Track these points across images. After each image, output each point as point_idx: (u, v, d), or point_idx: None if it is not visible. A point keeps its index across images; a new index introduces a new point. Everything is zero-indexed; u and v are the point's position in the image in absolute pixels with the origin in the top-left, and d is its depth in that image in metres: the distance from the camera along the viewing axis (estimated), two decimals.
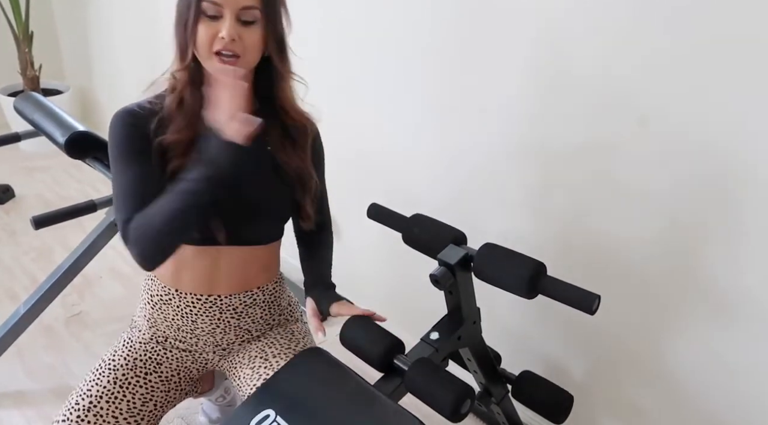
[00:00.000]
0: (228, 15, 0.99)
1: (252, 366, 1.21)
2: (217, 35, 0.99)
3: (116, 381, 1.16)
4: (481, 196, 1.68)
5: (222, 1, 0.98)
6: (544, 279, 1.11)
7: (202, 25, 0.99)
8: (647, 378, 1.46)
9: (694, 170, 1.23)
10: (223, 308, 1.21)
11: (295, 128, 1.17)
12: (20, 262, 2.54)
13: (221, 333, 1.24)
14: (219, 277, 1.19)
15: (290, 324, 1.31)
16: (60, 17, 3.74)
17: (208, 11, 0.99)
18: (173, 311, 1.22)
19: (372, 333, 1.22)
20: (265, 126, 1.05)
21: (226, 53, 1.00)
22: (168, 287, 1.21)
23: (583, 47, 1.32)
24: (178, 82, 1.08)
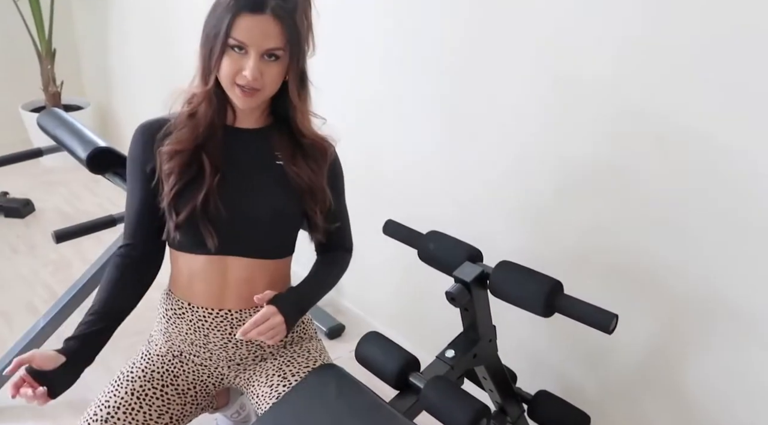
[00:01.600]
0: (253, 54, 1.02)
1: (270, 384, 1.22)
2: (241, 70, 1.03)
3: (134, 393, 1.17)
4: (497, 213, 1.68)
5: (248, 42, 1.01)
6: (561, 298, 1.10)
7: (227, 57, 1.03)
8: (666, 398, 1.44)
9: (713, 187, 1.22)
10: (234, 324, 1.22)
11: (312, 146, 1.19)
12: (39, 275, 2.58)
13: (233, 348, 1.24)
14: (228, 289, 1.20)
15: (305, 341, 1.32)
16: (81, 35, 3.82)
17: (234, 46, 1.02)
18: (186, 325, 1.23)
19: (387, 350, 1.22)
20: (274, 139, 1.15)
21: (248, 87, 1.04)
22: (181, 301, 1.22)
23: (600, 64, 1.33)
24: (195, 98, 1.12)
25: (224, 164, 1.13)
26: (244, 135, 1.17)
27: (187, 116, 1.12)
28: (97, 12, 3.53)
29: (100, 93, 3.82)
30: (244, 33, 1.01)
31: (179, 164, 1.10)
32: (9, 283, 2.51)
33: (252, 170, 1.16)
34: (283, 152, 1.17)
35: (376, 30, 1.84)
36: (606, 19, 1.29)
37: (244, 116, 1.16)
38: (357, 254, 2.25)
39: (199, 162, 1.11)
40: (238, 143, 1.16)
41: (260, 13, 1.00)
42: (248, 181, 1.16)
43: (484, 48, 1.56)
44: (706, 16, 1.14)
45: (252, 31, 1.01)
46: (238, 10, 1.00)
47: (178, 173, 1.10)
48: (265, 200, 1.16)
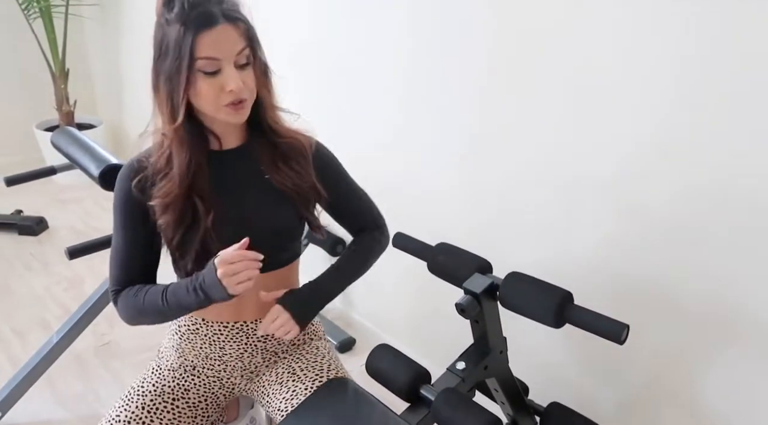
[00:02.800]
0: (227, 66, 0.99)
1: (280, 382, 1.23)
2: (222, 89, 1.00)
3: (144, 407, 1.17)
4: (506, 224, 1.68)
5: (219, 55, 0.98)
6: (572, 308, 1.10)
7: (202, 83, 1.00)
8: (680, 411, 1.42)
9: (727, 197, 1.22)
10: (250, 334, 1.23)
11: (286, 144, 1.16)
12: (52, 292, 2.60)
13: (249, 357, 1.25)
14: (246, 305, 1.21)
15: (314, 341, 1.32)
16: (94, 55, 3.88)
17: (205, 69, 0.99)
18: (201, 340, 1.24)
19: (398, 362, 1.22)
20: (257, 152, 1.13)
21: (237, 100, 1.02)
22: (195, 318, 1.23)
23: (611, 80, 1.33)
24: (166, 140, 1.08)
25: (215, 195, 1.11)
26: (229, 157, 1.14)
27: (164, 164, 1.09)
28: (109, 32, 3.60)
29: (112, 112, 3.88)
30: (211, 49, 0.98)
31: (174, 217, 1.08)
32: (23, 300, 2.54)
33: (242, 192, 1.14)
34: (265, 162, 1.14)
35: (397, 55, 1.85)
36: (616, 38, 1.30)
37: (227, 136, 1.13)
38: None
39: (192, 206, 1.09)
40: (225, 168, 1.14)
41: (216, 24, 0.97)
42: (241, 205, 1.14)
43: (498, 65, 1.57)
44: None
45: (218, 44, 0.98)
46: (196, 32, 0.97)
47: (173, 226, 1.08)
48: (262, 219, 1.15)
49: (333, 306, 2.47)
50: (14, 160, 3.41)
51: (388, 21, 1.82)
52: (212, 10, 0.98)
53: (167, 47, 1.01)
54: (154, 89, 1.06)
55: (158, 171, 1.09)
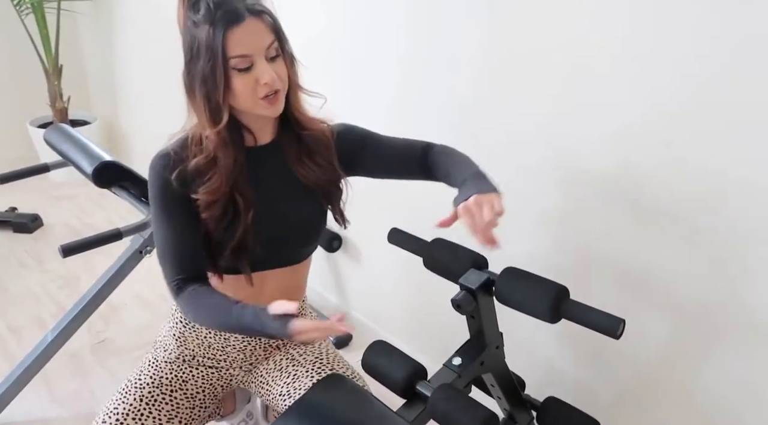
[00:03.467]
0: (259, 60, 1.00)
1: (280, 369, 1.24)
2: (256, 83, 1.01)
3: (142, 399, 1.18)
4: (502, 219, 1.67)
5: (250, 51, 1.00)
6: (567, 303, 1.10)
7: (238, 80, 1.00)
8: (676, 405, 1.43)
9: (723, 191, 1.22)
10: None
11: (311, 137, 1.16)
12: (47, 289, 2.59)
13: (251, 350, 1.26)
14: (262, 299, 1.21)
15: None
16: (87, 51, 3.86)
17: (239, 66, 0.99)
18: (207, 329, 1.24)
19: (394, 358, 1.22)
20: (286, 146, 1.15)
21: (270, 94, 1.03)
22: None
23: (607, 71, 1.33)
24: (210, 143, 1.07)
25: (253, 191, 1.12)
26: (263, 153, 1.15)
27: (207, 161, 1.08)
28: (103, 28, 3.57)
29: (106, 108, 3.86)
30: (241, 45, 0.98)
31: (217, 214, 1.09)
32: (18, 298, 2.53)
33: (276, 187, 1.16)
34: (291, 157, 1.16)
35: (392, 56, 1.84)
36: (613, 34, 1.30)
37: (262, 131, 1.14)
38: (363, 263, 2.27)
39: (234, 204, 1.10)
40: (260, 164, 1.15)
41: (243, 20, 0.98)
42: (275, 201, 1.15)
43: (493, 57, 1.56)
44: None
45: (247, 39, 0.99)
46: (225, 30, 0.97)
47: (216, 221, 1.09)
48: (294, 214, 1.17)
49: (330, 302, 2.46)
50: (8, 157, 3.39)
51: (383, 19, 1.81)
52: (237, 6, 0.99)
53: (198, 49, 1.00)
54: (189, 93, 1.06)
55: (200, 169, 1.08)
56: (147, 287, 2.54)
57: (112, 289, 1.82)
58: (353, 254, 2.29)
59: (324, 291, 2.50)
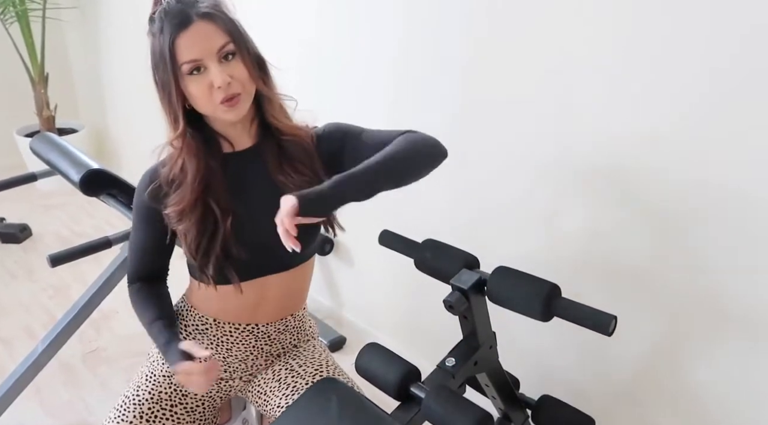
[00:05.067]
0: (211, 64, 0.99)
1: (278, 380, 1.23)
2: (211, 86, 1.00)
3: (143, 416, 1.16)
4: (492, 218, 1.68)
5: (199, 55, 0.98)
6: (559, 301, 1.10)
7: (190, 84, 1.00)
8: (669, 400, 1.43)
9: (714, 188, 1.22)
10: (259, 336, 1.24)
11: (290, 142, 1.14)
12: (38, 299, 2.57)
13: (252, 360, 1.26)
14: (265, 306, 1.22)
15: (309, 340, 1.35)
16: (74, 58, 3.83)
17: (190, 70, 0.99)
18: (209, 340, 1.23)
19: (387, 361, 1.22)
20: (266, 152, 1.13)
21: (228, 95, 1.01)
22: (206, 318, 1.23)
23: (600, 73, 1.33)
24: (176, 151, 1.08)
25: (231, 198, 1.11)
26: (242, 159, 1.14)
27: (179, 170, 1.09)
28: (89, 35, 3.55)
29: (94, 115, 3.83)
30: (189, 50, 0.98)
31: (192, 224, 1.08)
32: (8, 309, 2.51)
33: (257, 193, 1.14)
34: (271, 164, 1.13)
35: (383, 58, 1.84)
36: (598, 35, 1.30)
37: (238, 137, 1.13)
38: (355, 265, 2.26)
39: (210, 211, 1.09)
40: (239, 169, 1.13)
41: (190, 24, 0.98)
42: (255, 207, 1.13)
43: (484, 57, 1.57)
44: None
45: (195, 43, 0.98)
46: (171, 36, 0.97)
47: (195, 231, 1.08)
48: (274, 221, 1.15)
49: (323, 306, 2.46)
50: None
51: (377, 21, 1.81)
52: (186, 11, 0.98)
53: (156, 59, 1.02)
54: (161, 103, 1.07)
55: (171, 180, 1.10)
56: None
57: (103, 297, 1.80)
58: (345, 256, 2.29)
59: (316, 294, 2.49)
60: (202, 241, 1.09)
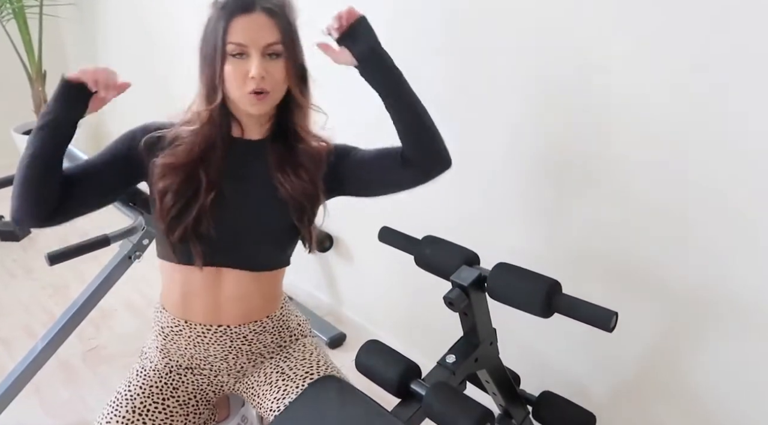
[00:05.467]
0: (254, 53, 1.03)
1: (269, 382, 1.22)
2: (247, 74, 1.03)
3: (135, 410, 1.16)
4: (492, 215, 1.67)
5: (247, 41, 1.03)
6: (560, 298, 1.09)
7: (229, 65, 1.04)
8: (670, 396, 1.43)
9: (708, 183, 1.22)
10: (234, 337, 1.22)
11: (306, 153, 1.17)
12: (37, 298, 2.56)
13: (234, 359, 1.25)
14: (223, 304, 1.20)
15: (300, 338, 1.33)
16: (72, 56, 3.82)
17: (233, 52, 1.03)
18: (185, 341, 1.23)
19: (387, 358, 1.21)
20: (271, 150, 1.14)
21: (258, 89, 1.04)
22: (177, 319, 1.22)
23: (598, 67, 1.33)
24: (199, 119, 1.11)
25: (223, 177, 1.13)
26: (247, 147, 1.16)
27: (188, 132, 1.11)
28: (86, 32, 3.54)
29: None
30: (240, 34, 1.02)
31: (176, 182, 1.09)
32: (7, 308, 2.50)
33: (248, 184, 1.16)
34: (273, 162, 1.15)
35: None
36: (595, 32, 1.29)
37: (251, 127, 1.15)
38: (355, 262, 2.26)
39: (197, 179, 1.10)
40: (241, 156, 1.15)
41: (251, 11, 1.03)
42: (243, 196, 1.15)
43: (482, 52, 1.56)
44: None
45: (248, 30, 1.02)
46: (230, 15, 1.02)
47: (174, 192, 1.09)
48: (258, 215, 1.16)
49: (323, 302, 2.45)
50: None
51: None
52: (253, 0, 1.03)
53: (208, 31, 1.06)
54: (200, 73, 1.10)
55: (174, 139, 1.12)
56: (137, 292, 2.52)
57: (102, 296, 1.80)
58: (344, 253, 2.29)
59: (316, 291, 2.49)
60: (177, 203, 1.10)
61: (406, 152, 1.14)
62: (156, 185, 1.11)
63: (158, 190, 1.11)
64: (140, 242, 1.74)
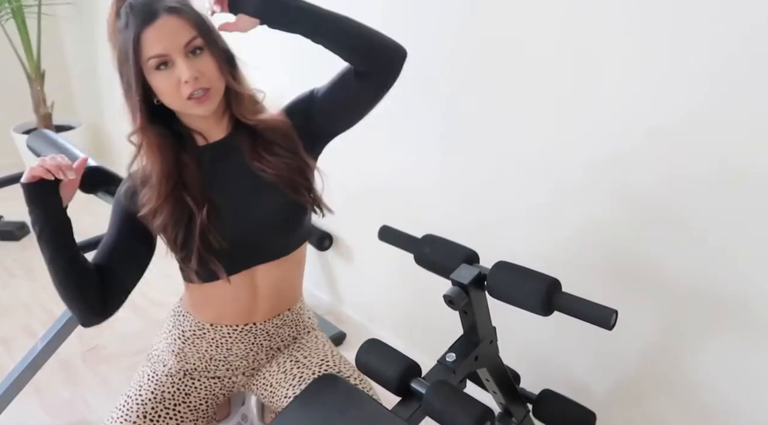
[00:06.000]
0: (178, 58, 0.98)
1: (284, 371, 1.24)
2: (179, 81, 0.98)
3: (146, 415, 1.16)
4: (492, 213, 1.67)
5: (165, 50, 0.97)
6: (560, 296, 1.09)
7: (160, 79, 0.99)
8: (670, 393, 1.43)
9: (708, 180, 1.22)
10: (258, 334, 1.24)
11: (268, 129, 1.13)
12: (37, 298, 2.56)
13: (254, 356, 1.26)
14: (260, 299, 1.21)
15: (311, 332, 1.35)
16: (71, 55, 3.82)
17: (157, 64, 0.98)
18: (207, 343, 1.23)
19: (387, 356, 1.21)
20: (240, 142, 1.11)
21: (198, 94, 1.00)
22: (202, 323, 1.22)
23: (597, 67, 1.33)
24: (136, 148, 1.08)
25: (207, 189, 1.11)
26: (216, 150, 1.13)
27: (149, 166, 1.08)
28: (85, 31, 3.54)
29: (91, 112, 3.82)
30: (155, 44, 0.97)
31: (167, 215, 1.07)
32: (7, 308, 2.50)
33: (233, 184, 1.13)
34: (246, 152, 1.12)
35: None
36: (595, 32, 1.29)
37: (210, 130, 1.12)
38: (354, 261, 2.26)
39: (184, 204, 1.08)
40: (215, 161, 1.13)
41: (156, 18, 0.97)
42: (234, 198, 1.13)
43: (479, 51, 1.56)
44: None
45: (161, 38, 0.97)
46: (139, 30, 0.96)
47: (171, 225, 1.08)
48: (255, 208, 1.14)
49: (322, 301, 2.45)
50: None
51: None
52: (152, 5, 0.97)
53: (120, 54, 1.01)
54: (124, 98, 1.05)
55: (143, 180, 1.09)
56: (138, 292, 2.50)
57: None
58: (344, 252, 2.29)
59: (316, 290, 2.49)
60: (178, 233, 1.08)
61: (357, 69, 1.06)
62: (153, 227, 1.10)
63: (157, 229, 1.09)
64: None
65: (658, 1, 1.18)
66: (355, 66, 1.05)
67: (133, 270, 1.13)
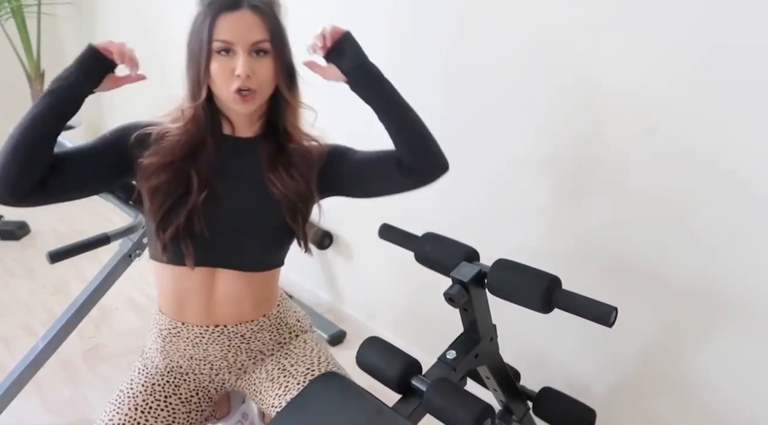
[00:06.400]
0: (241, 51, 1.02)
1: (271, 379, 1.23)
2: (233, 72, 1.02)
3: (137, 408, 1.16)
4: (492, 211, 1.67)
5: (233, 39, 1.02)
6: (560, 293, 1.09)
7: (215, 62, 1.03)
8: (670, 391, 1.43)
9: (707, 179, 1.22)
10: (231, 337, 1.22)
11: (297, 152, 1.16)
12: (38, 297, 2.57)
13: (233, 356, 1.25)
14: (217, 304, 1.19)
15: (300, 336, 1.33)
16: (70, 55, 3.81)
17: (220, 49, 1.02)
18: (184, 342, 1.23)
19: (388, 354, 1.21)
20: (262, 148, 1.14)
21: (244, 91, 1.04)
22: (174, 321, 1.22)
23: (592, 59, 1.33)
24: (185, 117, 1.10)
25: (215, 175, 1.12)
26: (238, 145, 1.15)
27: (174, 130, 1.11)
28: (85, 31, 3.54)
29: (91, 112, 3.81)
30: (226, 31, 1.01)
31: (164, 180, 1.08)
32: (7, 307, 2.50)
33: (240, 182, 1.15)
34: (264, 161, 1.14)
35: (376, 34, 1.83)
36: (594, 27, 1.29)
37: (241, 125, 1.14)
38: (355, 259, 2.26)
39: (187, 177, 1.09)
40: (232, 154, 1.15)
41: (238, 9, 1.02)
42: (235, 194, 1.14)
43: (479, 47, 1.56)
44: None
45: (234, 28, 1.01)
46: (216, 12, 1.01)
47: (165, 191, 1.09)
48: (249, 214, 1.15)
49: (323, 300, 2.46)
50: None
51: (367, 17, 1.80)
52: None
53: (194, 29, 1.06)
54: (186, 70, 1.09)
55: (161, 136, 1.11)
56: (138, 290, 2.53)
57: (103, 294, 1.80)
58: (344, 251, 2.29)
59: (316, 289, 2.49)
60: (166, 201, 1.09)
61: (402, 159, 1.13)
62: (145, 184, 1.10)
63: (147, 189, 1.10)
64: (140, 240, 1.74)
65: (658, 1, 1.19)
66: (402, 156, 1.12)
67: (79, 183, 1.11)
